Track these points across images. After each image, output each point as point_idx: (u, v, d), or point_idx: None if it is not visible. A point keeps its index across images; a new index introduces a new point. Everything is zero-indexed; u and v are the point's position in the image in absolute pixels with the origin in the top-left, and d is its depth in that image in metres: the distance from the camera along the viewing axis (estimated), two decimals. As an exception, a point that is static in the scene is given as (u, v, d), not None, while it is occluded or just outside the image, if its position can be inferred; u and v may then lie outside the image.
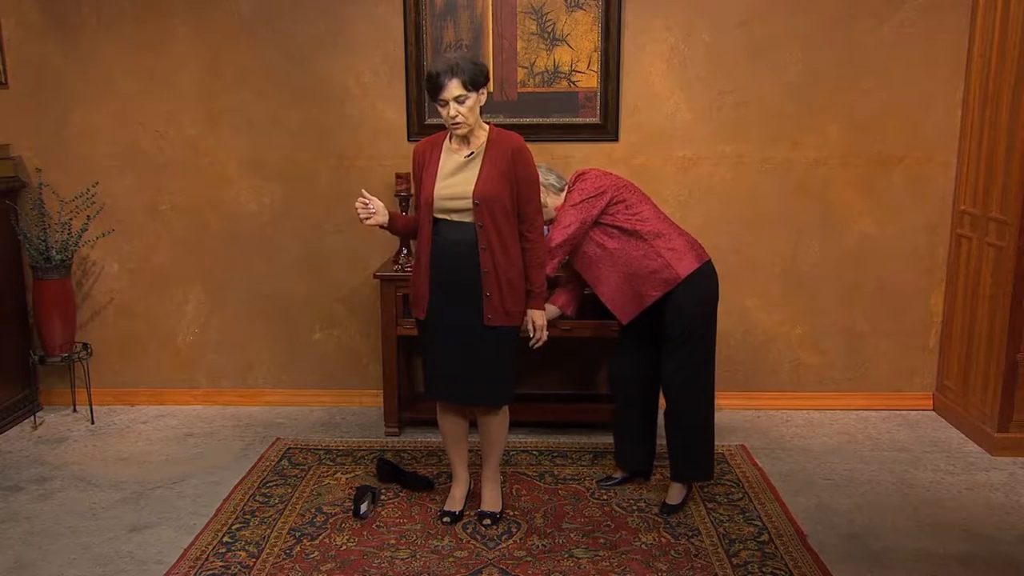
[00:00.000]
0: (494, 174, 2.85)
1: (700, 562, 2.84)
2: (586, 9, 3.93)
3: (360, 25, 4.00)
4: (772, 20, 3.94)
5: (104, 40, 4.03)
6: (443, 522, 3.09)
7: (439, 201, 2.88)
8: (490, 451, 3.15)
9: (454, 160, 2.91)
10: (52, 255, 3.95)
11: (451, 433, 3.14)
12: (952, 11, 3.90)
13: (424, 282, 2.96)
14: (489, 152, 2.88)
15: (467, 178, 2.87)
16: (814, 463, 3.63)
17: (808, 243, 4.12)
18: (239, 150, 4.13)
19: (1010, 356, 3.64)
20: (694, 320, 3.02)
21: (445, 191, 2.88)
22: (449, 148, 2.93)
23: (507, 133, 2.95)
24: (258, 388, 4.35)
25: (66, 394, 4.24)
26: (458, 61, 2.79)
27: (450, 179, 2.89)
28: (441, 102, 2.80)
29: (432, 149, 2.95)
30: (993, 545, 2.97)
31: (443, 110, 2.81)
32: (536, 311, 3.01)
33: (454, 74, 2.77)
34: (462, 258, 2.88)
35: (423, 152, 2.97)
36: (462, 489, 3.19)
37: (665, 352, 3.08)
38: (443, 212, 2.91)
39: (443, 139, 2.97)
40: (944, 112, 4.00)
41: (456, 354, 2.96)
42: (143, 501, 3.31)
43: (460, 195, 2.86)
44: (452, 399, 3.07)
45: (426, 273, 2.95)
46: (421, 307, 2.99)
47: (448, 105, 2.79)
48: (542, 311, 3.03)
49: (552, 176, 3.17)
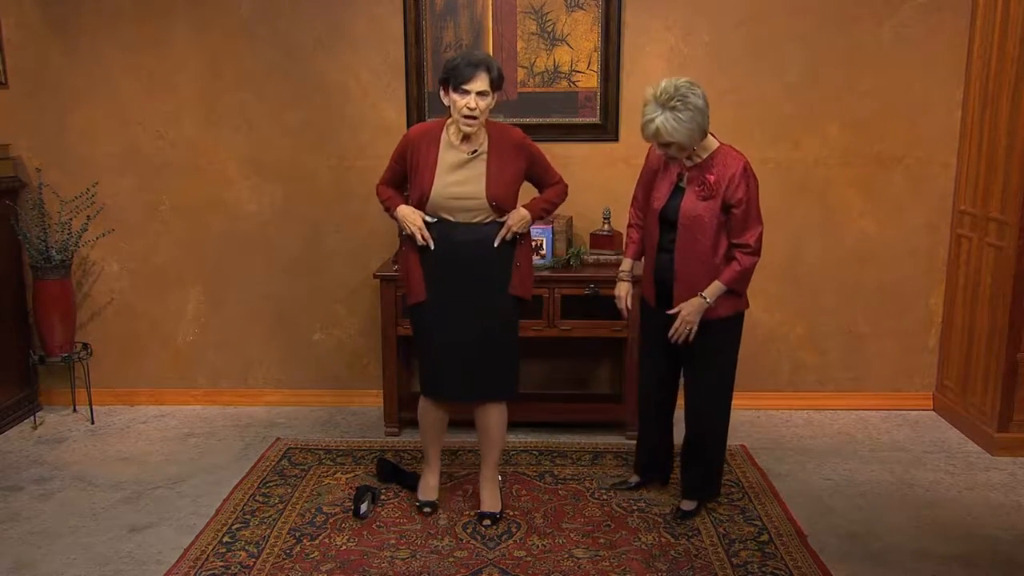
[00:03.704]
0: (504, 173, 2.86)
1: (700, 562, 2.84)
2: (586, 9, 3.93)
3: (360, 25, 4.00)
4: (772, 20, 3.94)
5: (104, 40, 4.03)
6: (424, 512, 3.13)
7: (442, 200, 2.86)
8: (491, 450, 3.13)
9: (455, 156, 2.87)
10: (52, 255, 3.95)
11: (434, 427, 3.13)
12: (952, 11, 3.91)
13: (418, 271, 2.94)
14: (494, 150, 2.87)
15: (473, 177, 2.85)
16: (814, 463, 3.63)
17: (808, 243, 4.13)
18: (239, 150, 4.13)
19: (1010, 356, 3.64)
20: (726, 342, 3.02)
21: (450, 190, 2.85)
22: (449, 143, 2.88)
23: (503, 127, 2.94)
24: (258, 388, 4.35)
25: (66, 394, 4.24)
26: (490, 59, 2.82)
27: (452, 176, 2.86)
28: (463, 92, 2.76)
29: (429, 140, 2.89)
30: (993, 545, 2.97)
31: (461, 100, 2.76)
32: (523, 210, 2.94)
33: (487, 69, 2.78)
34: (472, 258, 2.89)
35: (418, 140, 2.90)
36: (437, 477, 3.21)
37: (690, 376, 3.07)
38: (443, 210, 2.88)
39: (439, 131, 2.90)
40: (944, 112, 4.00)
41: (462, 348, 2.95)
42: (143, 501, 3.31)
43: (469, 195, 2.85)
44: (459, 397, 3.05)
45: (418, 265, 2.94)
46: (418, 291, 2.95)
47: (470, 96, 2.76)
48: (528, 214, 2.94)
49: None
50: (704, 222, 2.87)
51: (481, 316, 2.94)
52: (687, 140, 2.77)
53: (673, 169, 2.97)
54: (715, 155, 2.88)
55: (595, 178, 4.07)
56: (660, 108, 2.75)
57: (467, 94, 2.76)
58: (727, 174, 2.84)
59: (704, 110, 2.77)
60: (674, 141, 2.77)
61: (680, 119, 2.73)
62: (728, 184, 2.82)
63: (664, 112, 2.74)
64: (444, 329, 2.96)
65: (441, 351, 2.98)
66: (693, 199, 2.89)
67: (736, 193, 2.82)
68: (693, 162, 2.91)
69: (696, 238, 2.89)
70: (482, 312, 2.94)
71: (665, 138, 2.76)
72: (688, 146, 2.81)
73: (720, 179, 2.84)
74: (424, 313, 2.98)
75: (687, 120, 2.73)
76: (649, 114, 2.77)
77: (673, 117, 2.73)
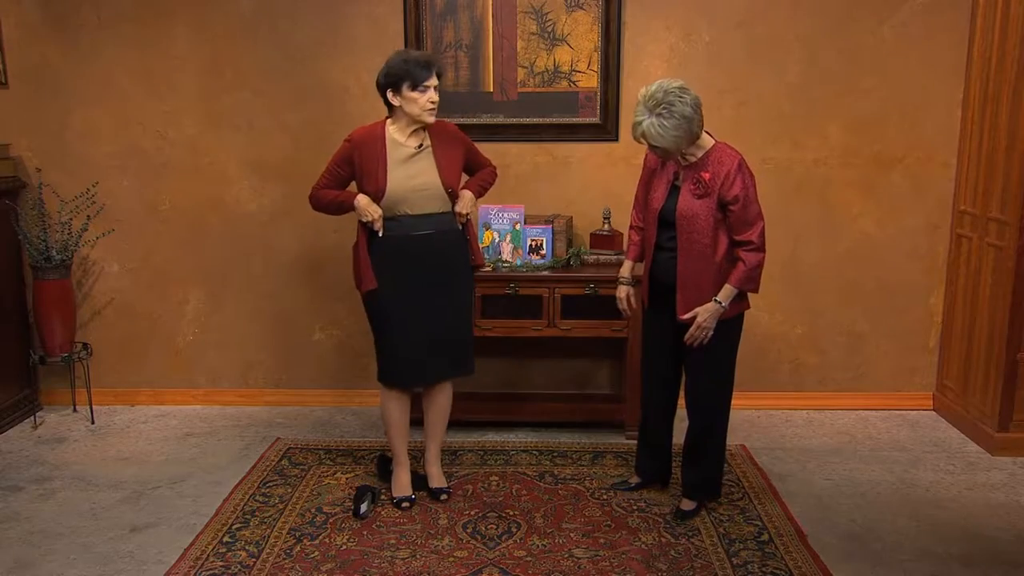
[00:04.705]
0: (451, 162, 3.07)
1: (700, 562, 2.84)
2: (586, 9, 3.93)
3: (360, 25, 4.00)
4: (772, 20, 3.94)
5: (104, 40, 4.03)
6: (402, 508, 3.19)
7: (401, 192, 2.99)
8: (440, 426, 3.30)
9: (403, 152, 3.02)
10: (52, 255, 3.95)
11: (400, 419, 3.25)
12: (952, 11, 3.90)
13: (367, 259, 3.07)
14: (436, 142, 3.06)
15: (425, 169, 3.03)
16: (814, 463, 3.63)
17: (808, 243, 4.13)
18: (239, 150, 4.13)
19: (1010, 356, 3.64)
20: (726, 343, 3.02)
21: (410, 182, 3.00)
22: (394, 140, 3.02)
23: (437, 121, 3.08)
24: (258, 388, 4.35)
25: (66, 394, 4.24)
26: (430, 54, 3.10)
27: (405, 171, 3.00)
28: (424, 88, 2.95)
29: (373, 140, 3.03)
30: (993, 545, 2.97)
31: (423, 96, 2.95)
32: (468, 192, 3.15)
33: (434, 63, 3.00)
34: (434, 248, 3.06)
35: (363, 142, 3.04)
36: (408, 473, 3.29)
37: (690, 376, 3.07)
38: (402, 203, 3.01)
39: (382, 131, 3.05)
40: (944, 112, 4.00)
41: (429, 333, 3.10)
42: (143, 501, 3.31)
43: (425, 186, 3.02)
44: (425, 380, 3.20)
45: (368, 253, 3.07)
46: (370, 279, 3.07)
47: (430, 91, 2.96)
48: (472, 194, 3.17)
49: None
50: (700, 221, 2.87)
51: (448, 299, 3.12)
52: (672, 146, 2.81)
53: (670, 168, 2.98)
54: (710, 153, 2.89)
55: (595, 178, 4.07)
56: (648, 112, 2.77)
57: (427, 90, 2.95)
58: (722, 172, 2.84)
59: (692, 117, 2.77)
60: (658, 146, 2.81)
61: (664, 126, 2.75)
62: (723, 181, 2.83)
63: (651, 117, 2.77)
64: (417, 318, 3.09)
65: (410, 338, 3.10)
66: (689, 198, 2.89)
67: (731, 190, 2.82)
68: (688, 161, 2.91)
69: (693, 237, 2.89)
70: (449, 295, 3.13)
71: (651, 141, 2.80)
72: (674, 151, 2.85)
73: (715, 177, 2.84)
74: (389, 304, 3.10)
75: (671, 128, 2.76)
76: (637, 116, 2.81)
77: (658, 123, 2.76)
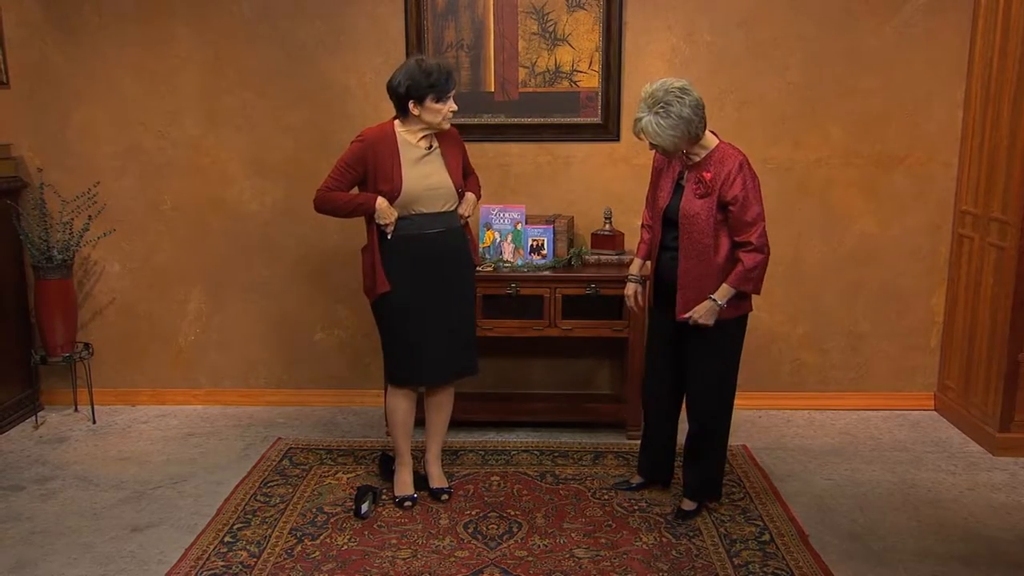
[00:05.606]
0: (456, 162, 3.16)
1: (701, 562, 2.84)
2: (587, 9, 3.93)
3: (361, 25, 4.00)
4: (773, 20, 3.94)
5: (105, 40, 4.04)
6: (404, 506, 3.21)
7: (417, 191, 3.04)
8: (441, 426, 3.35)
9: (414, 152, 3.08)
10: (53, 255, 3.95)
11: (405, 419, 3.27)
12: (953, 11, 3.90)
13: (380, 263, 3.08)
14: (443, 145, 3.14)
15: (436, 169, 3.10)
16: (815, 463, 3.63)
17: (809, 243, 4.12)
18: (240, 150, 4.13)
19: (1012, 356, 3.64)
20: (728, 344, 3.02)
21: (424, 181, 3.06)
22: (406, 141, 3.08)
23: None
24: (259, 388, 4.35)
25: (67, 394, 4.24)
26: (449, 64, 3.20)
27: (419, 171, 3.06)
28: (447, 98, 3.03)
29: (387, 141, 3.08)
30: (994, 545, 2.97)
31: (443, 105, 3.02)
32: (471, 194, 3.26)
33: (455, 75, 3.10)
34: (446, 245, 3.13)
35: (377, 142, 3.07)
36: (411, 472, 3.31)
37: (692, 377, 3.07)
38: (417, 202, 3.06)
39: (392, 132, 3.09)
40: (945, 112, 4.00)
41: (439, 333, 3.14)
42: (144, 501, 3.31)
43: (438, 185, 3.09)
44: (435, 380, 3.24)
45: (379, 260, 3.08)
46: (383, 282, 3.09)
47: (451, 100, 3.04)
48: (474, 196, 3.28)
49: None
50: (701, 220, 2.87)
51: (456, 297, 3.19)
52: (670, 145, 2.82)
53: (675, 168, 2.98)
54: (713, 153, 2.89)
55: (596, 178, 4.07)
56: (647, 110, 2.80)
57: (448, 100, 3.04)
58: (723, 171, 2.84)
59: (691, 119, 2.78)
60: (656, 143, 2.83)
61: (661, 125, 2.77)
62: (724, 181, 2.83)
63: (650, 115, 2.79)
64: (429, 315, 3.13)
65: (422, 336, 3.13)
66: (691, 197, 2.89)
67: (732, 190, 2.82)
68: (692, 160, 2.91)
69: (694, 237, 2.89)
70: (456, 292, 3.19)
71: (649, 139, 2.83)
72: (673, 151, 2.86)
73: (716, 176, 2.84)
74: (402, 303, 3.11)
75: (668, 127, 2.77)
76: (638, 113, 2.84)
77: (656, 121, 2.77)
